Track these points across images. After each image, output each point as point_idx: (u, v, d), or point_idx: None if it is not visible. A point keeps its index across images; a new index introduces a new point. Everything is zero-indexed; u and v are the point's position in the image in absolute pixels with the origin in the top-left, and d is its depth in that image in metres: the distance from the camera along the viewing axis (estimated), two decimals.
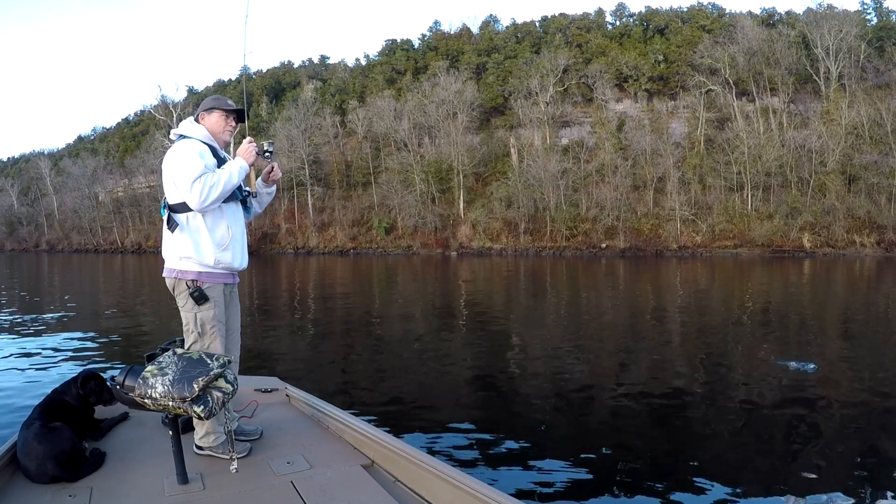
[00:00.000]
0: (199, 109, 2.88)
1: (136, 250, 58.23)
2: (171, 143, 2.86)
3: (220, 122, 2.87)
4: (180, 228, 2.67)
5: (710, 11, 53.40)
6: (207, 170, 2.63)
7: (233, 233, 2.78)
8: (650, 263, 30.51)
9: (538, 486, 3.42)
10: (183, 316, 2.74)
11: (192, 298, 2.66)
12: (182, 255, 2.67)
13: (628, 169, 42.87)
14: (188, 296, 2.67)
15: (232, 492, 2.34)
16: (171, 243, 2.71)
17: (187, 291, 2.67)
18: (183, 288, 2.69)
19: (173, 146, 2.75)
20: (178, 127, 2.85)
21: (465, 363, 7.05)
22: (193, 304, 2.67)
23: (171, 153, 2.70)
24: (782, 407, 4.96)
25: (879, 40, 44.01)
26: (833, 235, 35.68)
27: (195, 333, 2.71)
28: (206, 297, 2.68)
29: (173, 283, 2.73)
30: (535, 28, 59.15)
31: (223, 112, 2.87)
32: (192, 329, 2.71)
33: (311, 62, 72.09)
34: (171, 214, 2.67)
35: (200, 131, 2.81)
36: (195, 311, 2.69)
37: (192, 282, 2.67)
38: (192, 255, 2.67)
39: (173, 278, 2.71)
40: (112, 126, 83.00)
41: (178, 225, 2.67)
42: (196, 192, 2.56)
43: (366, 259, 39.79)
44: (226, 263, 2.76)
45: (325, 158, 54.49)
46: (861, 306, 12.87)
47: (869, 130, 38.39)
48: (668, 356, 7.39)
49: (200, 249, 2.68)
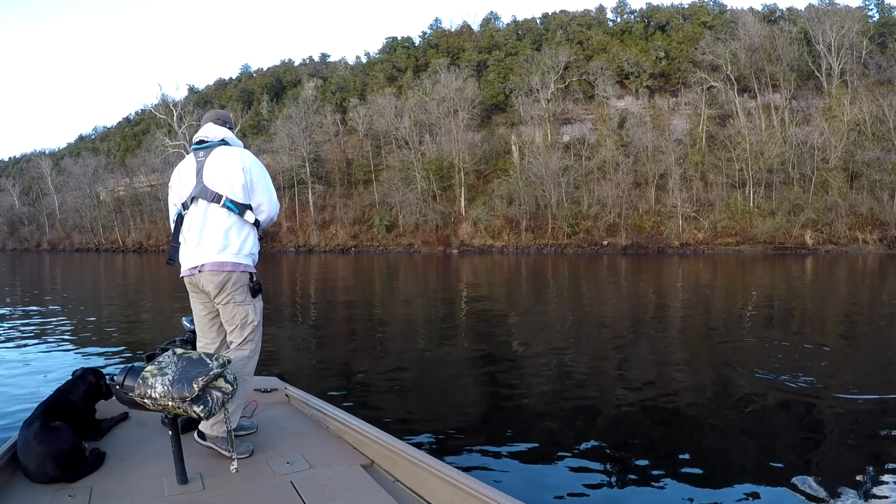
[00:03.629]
0: (231, 123, 3.12)
1: (138, 249, 58.30)
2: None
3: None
4: (250, 227, 2.88)
5: (711, 8, 53.24)
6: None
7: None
8: (652, 261, 30.47)
9: (538, 486, 3.42)
10: (238, 310, 2.83)
11: (252, 291, 2.84)
12: (249, 251, 2.86)
13: (630, 166, 42.79)
14: (248, 289, 2.83)
15: (231, 492, 2.33)
16: (240, 239, 2.83)
17: (248, 285, 2.83)
18: (245, 281, 2.82)
19: (244, 153, 2.91)
20: (221, 130, 2.98)
21: (465, 362, 7.04)
22: (251, 296, 2.85)
23: (250, 160, 2.89)
24: (784, 407, 4.94)
25: (881, 36, 43.85)
26: (835, 232, 35.58)
27: (254, 322, 2.86)
28: (261, 289, 2.91)
29: (230, 276, 2.79)
30: (535, 25, 59.01)
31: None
32: (253, 318, 2.86)
33: (311, 60, 72.09)
34: (251, 214, 2.86)
35: (241, 144, 3.07)
36: (254, 303, 2.87)
37: (253, 275, 2.87)
38: (254, 251, 2.91)
39: (236, 272, 2.80)
40: (113, 125, 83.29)
41: (251, 225, 2.88)
42: (278, 208, 2.97)
43: (367, 257, 39.80)
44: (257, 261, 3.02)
45: (325, 156, 54.51)
46: (864, 303, 12.83)
47: (871, 127, 38.26)
48: (671, 355, 7.38)
49: (257, 247, 2.94)
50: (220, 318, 2.91)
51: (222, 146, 2.90)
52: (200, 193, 2.80)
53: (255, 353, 2.92)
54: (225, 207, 2.78)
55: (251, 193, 2.86)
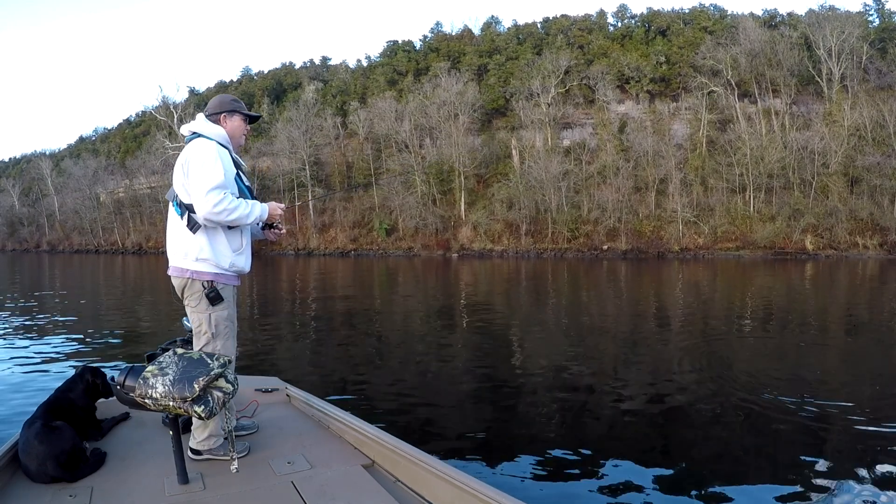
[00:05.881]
0: (218, 110, 2.82)
1: (137, 251, 58.32)
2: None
3: (241, 126, 2.89)
4: (203, 230, 2.64)
5: (711, 13, 53.36)
6: (227, 183, 2.61)
7: (246, 239, 2.82)
8: (652, 265, 30.47)
9: (539, 486, 3.41)
10: (194, 317, 2.71)
11: (208, 299, 2.65)
12: (199, 256, 2.64)
13: (630, 170, 42.81)
14: (202, 296, 2.65)
15: (232, 492, 2.33)
16: (185, 243, 2.65)
17: (202, 292, 2.65)
18: (197, 288, 2.66)
19: (192, 144, 2.67)
20: (193, 123, 2.77)
21: (466, 364, 7.03)
22: (208, 304, 2.66)
23: (191, 152, 2.63)
24: (783, 410, 4.93)
25: (882, 41, 43.92)
26: (836, 237, 35.60)
27: (208, 334, 2.69)
28: (221, 298, 2.68)
29: (185, 282, 2.68)
30: (536, 29, 59.16)
31: (243, 116, 2.89)
32: (206, 330, 2.69)
33: (312, 63, 72.28)
34: (192, 215, 2.62)
35: (217, 132, 2.76)
36: (209, 311, 2.67)
37: (208, 282, 2.65)
38: (210, 256, 2.65)
39: (186, 278, 2.67)
40: (113, 126, 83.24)
41: (201, 227, 2.63)
42: (210, 202, 2.52)
43: (366, 260, 39.80)
44: (238, 267, 2.78)
45: (326, 160, 54.58)
46: (864, 309, 12.83)
47: (871, 132, 38.31)
48: (670, 358, 7.37)
49: (218, 252, 2.68)
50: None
51: (192, 140, 2.71)
52: (169, 194, 2.76)
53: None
54: (174, 209, 2.69)
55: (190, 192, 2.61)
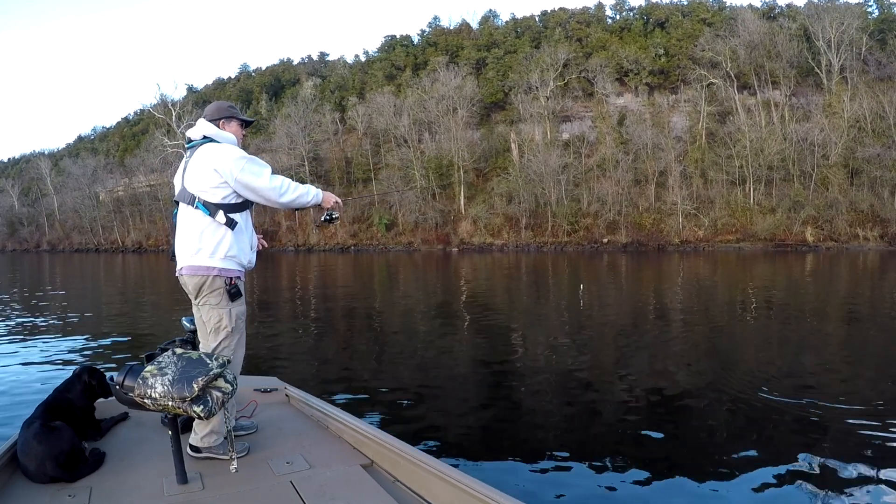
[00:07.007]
0: (217, 116, 2.91)
1: (137, 249, 58.37)
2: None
3: (239, 130, 2.99)
4: (237, 229, 2.75)
5: (710, 4, 53.15)
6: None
7: (253, 236, 2.98)
8: (652, 258, 30.47)
9: (539, 486, 3.41)
10: (213, 314, 2.75)
11: (229, 295, 2.74)
12: (227, 253, 2.73)
13: (629, 163, 42.77)
14: (224, 293, 2.73)
15: (231, 492, 2.33)
16: (212, 242, 2.70)
17: (224, 289, 2.72)
18: (219, 285, 2.72)
19: (214, 147, 2.74)
20: (204, 128, 2.83)
21: (465, 363, 7.04)
22: (229, 300, 2.74)
23: (218, 154, 2.70)
24: (783, 406, 4.93)
25: (881, 33, 43.76)
26: (836, 229, 35.59)
27: (228, 329, 2.76)
28: (240, 293, 2.79)
29: (203, 280, 2.71)
30: (534, 23, 58.95)
31: (240, 121, 2.99)
32: (227, 324, 2.75)
33: (310, 59, 72.03)
34: (229, 214, 2.71)
35: (228, 135, 2.87)
36: (230, 307, 2.75)
37: (230, 279, 2.74)
38: (237, 254, 2.76)
39: (205, 276, 2.71)
40: (112, 125, 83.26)
41: (237, 224, 2.75)
42: (277, 187, 2.72)
43: (366, 256, 39.80)
44: (252, 264, 2.93)
45: (325, 155, 54.54)
46: (865, 301, 12.83)
47: (871, 123, 38.23)
48: (670, 353, 7.37)
49: (242, 250, 2.81)
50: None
51: (206, 144, 2.78)
52: (180, 195, 2.79)
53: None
54: (197, 209, 2.72)
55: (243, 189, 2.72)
